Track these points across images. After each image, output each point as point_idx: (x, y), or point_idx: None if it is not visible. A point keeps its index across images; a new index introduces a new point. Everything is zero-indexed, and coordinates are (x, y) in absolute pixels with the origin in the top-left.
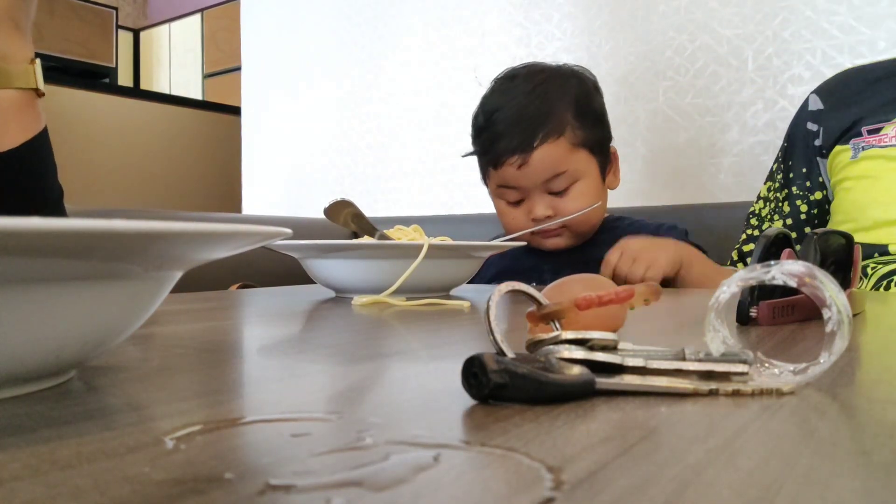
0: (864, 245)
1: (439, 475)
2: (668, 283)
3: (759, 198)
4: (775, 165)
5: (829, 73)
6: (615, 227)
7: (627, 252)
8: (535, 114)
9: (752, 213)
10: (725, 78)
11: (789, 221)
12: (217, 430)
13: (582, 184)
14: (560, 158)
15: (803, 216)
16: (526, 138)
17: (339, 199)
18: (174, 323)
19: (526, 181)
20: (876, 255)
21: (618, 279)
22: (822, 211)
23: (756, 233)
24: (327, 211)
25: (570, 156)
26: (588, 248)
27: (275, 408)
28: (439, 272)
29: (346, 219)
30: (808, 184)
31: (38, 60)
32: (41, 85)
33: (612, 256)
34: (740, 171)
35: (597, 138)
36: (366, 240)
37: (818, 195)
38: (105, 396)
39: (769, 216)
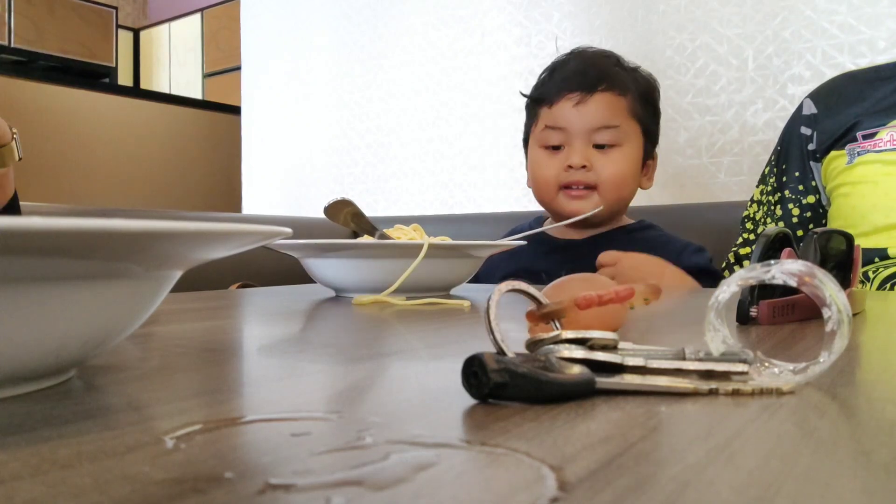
0: (864, 250)
1: (439, 475)
2: None
3: (752, 201)
4: (767, 168)
5: (830, 73)
6: (642, 237)
7: (625, 262)
8: (606, 67)
9: (747, 216)
10: (725, 77)
11: (781, 224)
12: (217, 429)
13: (623, 150)
14: (616, 111)
15: (795, 219)
16: (592, 81)
17: (338, 199)
18: (174, 322)
19: (576, 123)
20: (876, 259)
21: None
22: (815, 215)
23: (752, 236)
24: (327, 210)
25: (625, 117)
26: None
27: (275, 407)
28: (439, 271)
29: (345, 218)
30: (801, 188)
31: (16, 133)
32: (21, 154)
33: (609, 258)
34: (740, 171)
35: (650, 123)
36: (366, 239)
37: (811, 199)
38: (105, 396)
39: (763, 219)
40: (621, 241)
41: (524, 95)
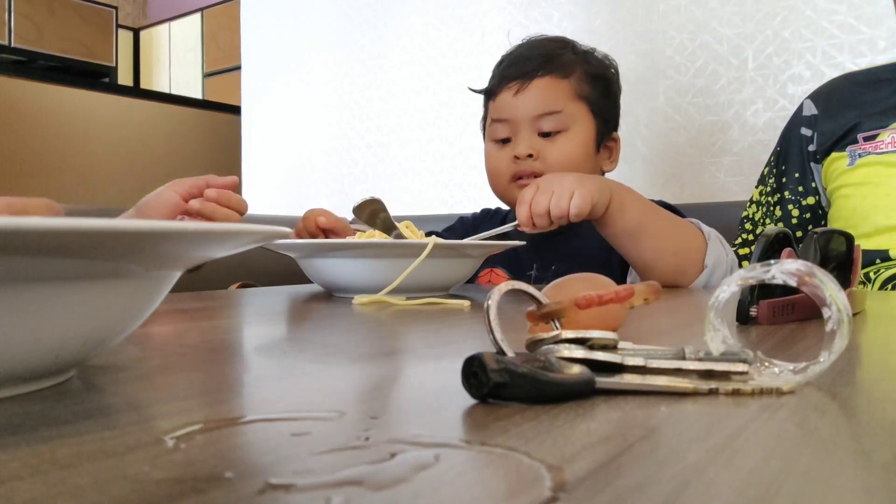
0: (865, 251)
1: (439, 474)
2: (598, 221)
3: (751, 202)
4: (766, 169)
5: (830, 73)
6: None
7: (544, 185)
8: (548, 52)
9: (746, 217)
10: (726, 77)
11: (780, 226)
12: (217, 429)
13: (571, 135)
14: (558, 96)
15: (794, 220)
16: (531, 68)
17: (367, 198)
18: (174, 322)
19: (518, 112)
20: (878, 260)
21: (539, 217)
22: (814, 216)
23: (750, 237)
24: (355, 209)
25: (568, 100)
26: (573, 238)
27: (275, 407)
28: (439, 271)
29: (368, 216)
30: (800, 189)
31: None
32: None
33: (528, 193)
34: (740, 171)
35: (601, 102)
36: (357, 238)
37: (810, 200)
38: (105, 396)
39: (762, 220)
40: (587, 227)
41: (472, 90)
